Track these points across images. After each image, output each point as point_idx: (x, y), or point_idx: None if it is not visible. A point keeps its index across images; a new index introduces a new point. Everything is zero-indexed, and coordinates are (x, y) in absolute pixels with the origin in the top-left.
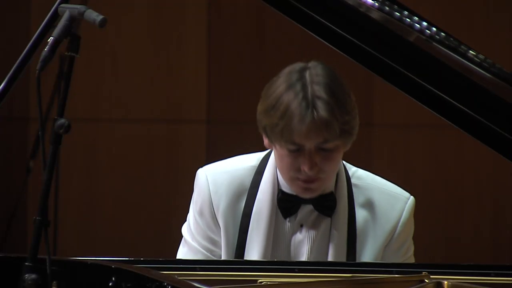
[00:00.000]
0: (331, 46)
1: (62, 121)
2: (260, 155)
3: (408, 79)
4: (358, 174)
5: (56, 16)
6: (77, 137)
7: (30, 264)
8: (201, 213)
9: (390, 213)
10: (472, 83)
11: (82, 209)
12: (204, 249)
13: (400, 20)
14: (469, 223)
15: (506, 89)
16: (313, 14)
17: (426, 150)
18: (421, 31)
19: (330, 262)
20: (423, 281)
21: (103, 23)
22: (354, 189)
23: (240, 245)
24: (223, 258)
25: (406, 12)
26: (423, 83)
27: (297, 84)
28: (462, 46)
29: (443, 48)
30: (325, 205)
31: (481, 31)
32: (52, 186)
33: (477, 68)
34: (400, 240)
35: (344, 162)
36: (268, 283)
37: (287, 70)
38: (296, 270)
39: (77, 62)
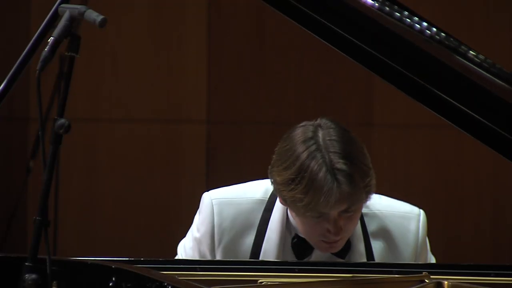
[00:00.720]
0: (331, 46)
1: (62, 121)
2: (269, 186)
3: (408, 79)
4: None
5: (56, 16)
6: (77, 137)
7: (30, 264)
8: (200, 242)
9: (407, 237)
10: (472, 83)
11: (82, 209)
12: None
13: (400, 20)
14: (469, 223)
15: (506, 89)
16: (313, 14)
17: (426, 150)
18: (421, 31)
19: (330, 262)
20: (423, 281)
21: (103, 23)
22: (365, 219)
23: None
24: None
25: (406, 12)
26: (423, 83)
27: (316, 155)
28: (462, 47)
29: (443, 48)
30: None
31: (481, 31)
32: (52, 186)
33: (477, 68)
34: (423, 257)
35: None
36: (268, 283)
37: (300, 135)
38: (296, 270)
39: (77, 62)
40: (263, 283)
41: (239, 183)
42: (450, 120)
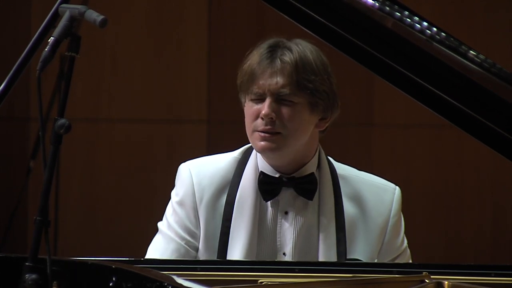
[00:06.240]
0: (331, 46)
1: (62, 121)
2: (243, 148)
3: (408, 79)
4: (342, 166)
5: (56, 16)
6: (77, 137)
7: (30, 264)
8: (181, 204)
9: (380, 206)
10: (472, 83)
11: (82, 209)
12: (179, 238)
13: (400, 20)
14: (470, 223)
15: (506, 89)
16: (314, 14)
17: (426, 150)
18: (421, 31)
19: (330, 262)
20: (423, 281)
21: (103, 23)
22: (340, 180)
23: (224, 234)
24: (203, 250)
25: (406, 12)
26: (423, 83)
27: (267, 47)
28: (463, 46)
29: (443, 48)
30: (306, 187)
31: (481, 31)
32: (52, 186)
33: (477, 68)
34: (394, 232)
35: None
36: (268, 283)
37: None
38: (296, 270)
39: (77, 62)
40: (263, 283)
41: None
42: (450, 120)
